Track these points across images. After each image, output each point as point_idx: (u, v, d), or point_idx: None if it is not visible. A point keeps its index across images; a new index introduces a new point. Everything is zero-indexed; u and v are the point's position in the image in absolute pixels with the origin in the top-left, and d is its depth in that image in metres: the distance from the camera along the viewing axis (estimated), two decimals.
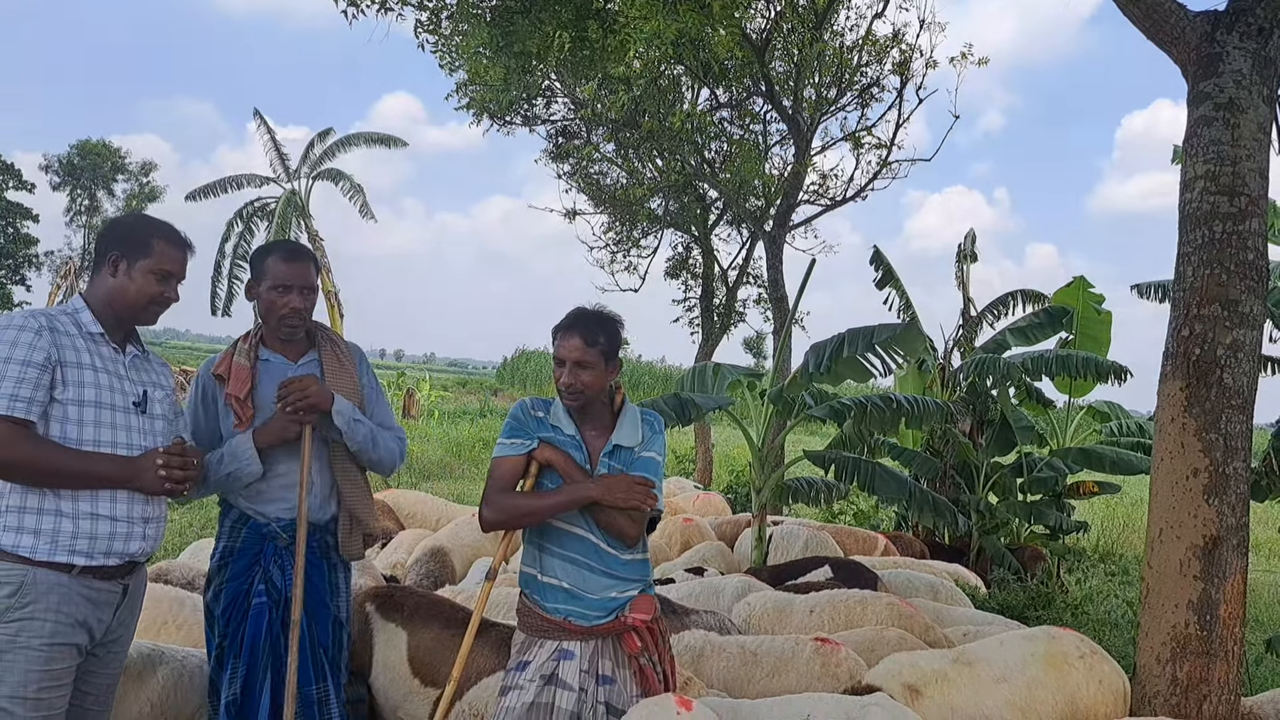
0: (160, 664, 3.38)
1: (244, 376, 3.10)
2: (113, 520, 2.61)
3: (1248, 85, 3.89)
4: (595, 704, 2.78)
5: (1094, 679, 3.75)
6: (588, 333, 2.82)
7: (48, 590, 2.51)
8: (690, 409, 6.35)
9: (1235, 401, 3.84)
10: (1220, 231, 3.88)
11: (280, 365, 3.17)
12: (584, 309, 2.92)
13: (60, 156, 44.34)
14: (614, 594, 2.83)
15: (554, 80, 11.89)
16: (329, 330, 3.32)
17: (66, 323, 2.64)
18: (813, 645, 4.06)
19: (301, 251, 3.16)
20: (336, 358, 3.23)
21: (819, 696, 3.34)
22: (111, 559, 2.62)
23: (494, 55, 6.62)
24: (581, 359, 2.80)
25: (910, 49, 11.13)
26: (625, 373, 37.84)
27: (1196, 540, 3.82)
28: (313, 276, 3.14)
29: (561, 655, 2.80)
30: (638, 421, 2.93)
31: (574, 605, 2.81)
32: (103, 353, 2.68)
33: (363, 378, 3.29)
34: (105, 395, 2.64)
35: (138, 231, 2.72)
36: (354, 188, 31.43)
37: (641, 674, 2.85)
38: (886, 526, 10.38)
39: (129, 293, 2.70)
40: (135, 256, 2.69)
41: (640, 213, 13.18)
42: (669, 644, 3.05)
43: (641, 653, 2.84)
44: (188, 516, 9.33)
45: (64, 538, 2.54)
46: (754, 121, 12.22)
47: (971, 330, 9.63)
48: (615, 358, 2.89)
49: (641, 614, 2.84)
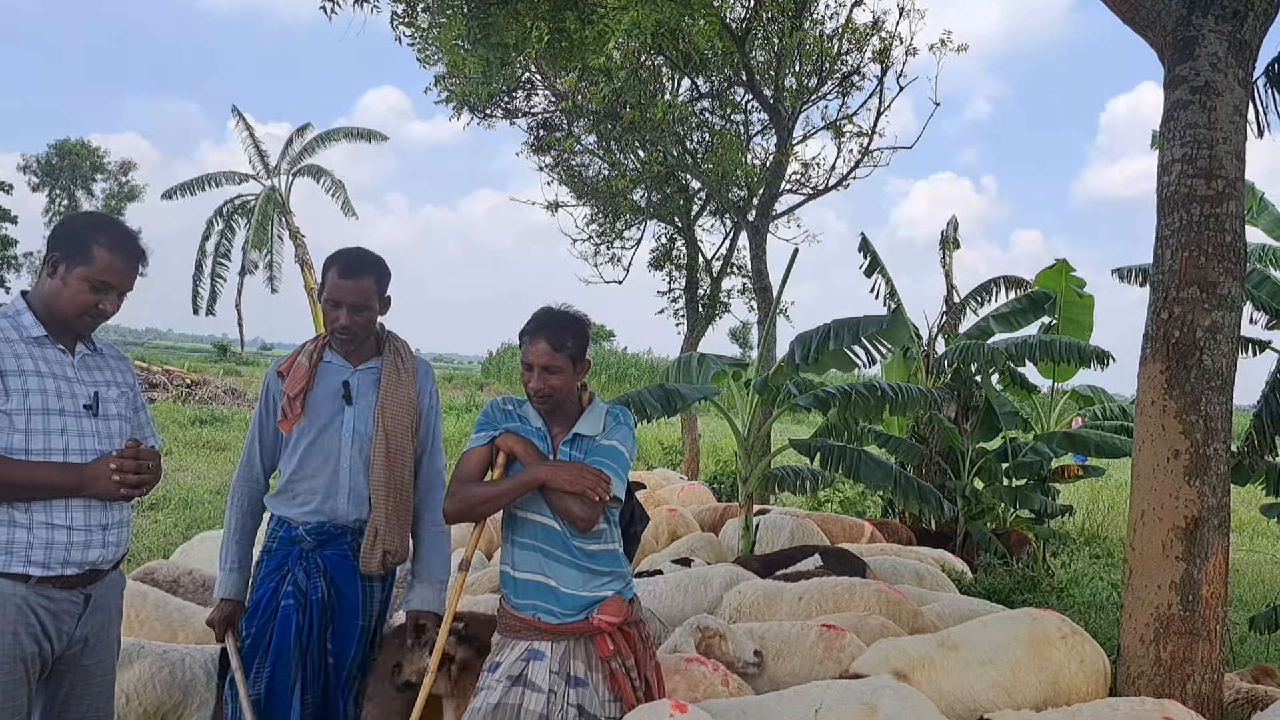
0: (139, 657, 3.38)
1: (301, 376, 3.14)
2: (69, 529, 2.52)
3: (1223, 68, 3.91)
4: (566, 706, 2.73)
5: (1076, 659, 3.79)
6: (555, 337, 2.80)
7: (4, 601, 2.43)
8: (676, 400, 6.36)
9: (1215, 383, 3.86)
10: (1198, 214, 3.90)
11: (341, 368, 3.21)
12: (550, 310, 2.89)
13: (38, 157, 43.95)
14: (585, 591, 2.79)
15: (534, 72, 11.84)
16: (400, 341, 3.32)
17: (5, 327, 2.53)
18: (818, 630, 4.09)
19: (360, 266, 3.12)
20: (397, 370, 3.23)
21: (827, 685, 3.34)
22: (70, 568, 2.53)
23: (472, 48, 6.58)
24: (550, 363, 2.79)
25: (890, 36, 11.14)
26: (612, 365, 37.81)
27: (1178, 521, 3.84)
28: (368, 294, 3.11)
29: (531, 656, 2.77)
30: (601, 414, 2.92)
31: (544, 600, 2.78)
32: (47, 356, 2.56)
33: (423, 396, 3.29)
34: (53, 401, 2.52)
35: (82, 235, 2.55)
36: (335, 184, 31.25)
37: (613, 678, 2.79)
38: (873, 513, 10.43)
39: (62, 298, 2.55)
40: (74, 261, 2.53)
41: (623, 204, 13.13)
42: (652, 649, 2.99)
43: (613, 656, 2.79)
44: (173, 517, 9.27)
45: (19, 548, 2.45)
46: (735, 111, 12.19)
47: (955, 317, 9.67)
48: (583, 359, 2.88)
49: (610, 616, 2.79)
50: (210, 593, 4.47)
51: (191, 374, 23.04)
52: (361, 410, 3.18)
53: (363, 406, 3.18)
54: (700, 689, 3.52)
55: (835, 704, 3.12)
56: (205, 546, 5.61)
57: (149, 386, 20.28)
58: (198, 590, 4.75)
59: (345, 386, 3.18)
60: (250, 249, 31.90)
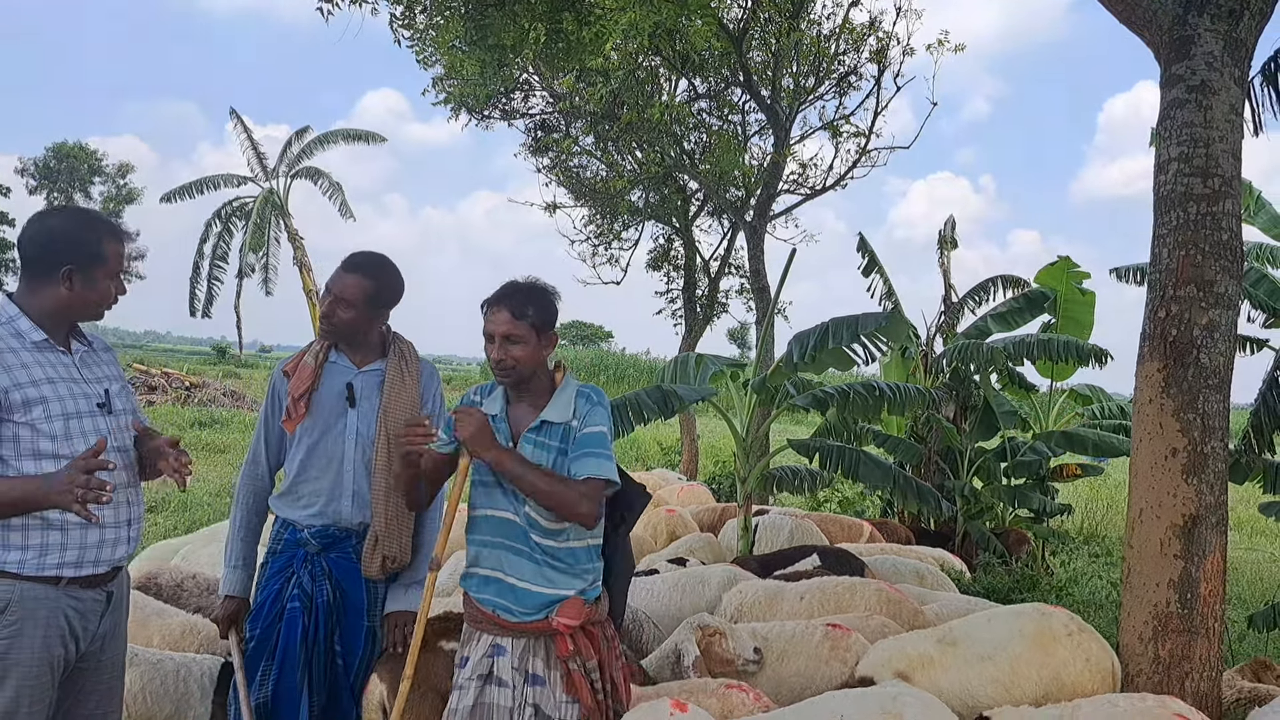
0: (130, 665, 3.36)
1: (306, 375, 3.14)
2: (101, 528, 2.54)
3: (1219, 67, 3.92)
4: (524, 704, 2.68)
5: (1081, 656, 3.77)
6: (515, 305, 2.71)
7: (35, 605, 2.46)
8: (673, 401, 6.35)
9: (1212, 381, 3.87)
10: (1195, 213, 3.91)
11: (345, 369, 3.21)
12: (515, 281, 2.80)
13: (36, 159, 43.95)
14: (545, 588, 2.70)
15: (531, 74, 11.84)
16: (405, 343, 3.31)
17: (4, 334, 2.51)
18: (823, 630, 4.09)
19: (356, 262, 3.16)
20: (401, 372, 3.22)
21: (845, 694, 3.33)
22: (100, 566, 2.56)
23: (469, 49, 6.59)
24: (510, 332, 2.69)
25: (887, 36, 11.15)
26: (611, 366, 37.77)
27: (1176, 519, 3.85)
28: (353, 291, 3.12)
29: (495, 651, 2.73)
30: (571, 397, 2.78)
31: (503, 598, 2.72)
32: (52, 360, 2.56)
33: (427, 399, 3.28)
34: (70, 405, 2.53)
35: (87, 239, 2.58)
36: (332, 186, 31.23)
37: (569, 679, 2.70)
38: (872, 514, 10.43)
39: (89, 301, 2.59)
40: (92, 266, 2.57)
41: (620, 205, 13.14)
42: (618, 649, 2.90)
43: (572, 657, 2.70)
44: (172, 519, 9.27)
45: (53, 550, 2.47)
46: (732, 112, 12.19)
47: (953, 316, 9.68)
48: (548, 330, 2.77)
49: (567, 619, 2.68)
50: (215, 596, 4.46)
51: (190, 376, 23.04)
52: (365, 413, 3.17)
53: (366, 409, 3.17)
54: (735, 715, 3.52)
55: (858, 714, 3.11)
56: (210, 549, 5.55)
57: (148, 389, 20.28)
58: (202, 594, 4.71)
59: (349, 389, 3.17)
60: (248, 251, 31.91)
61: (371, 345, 3.25)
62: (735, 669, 3.88)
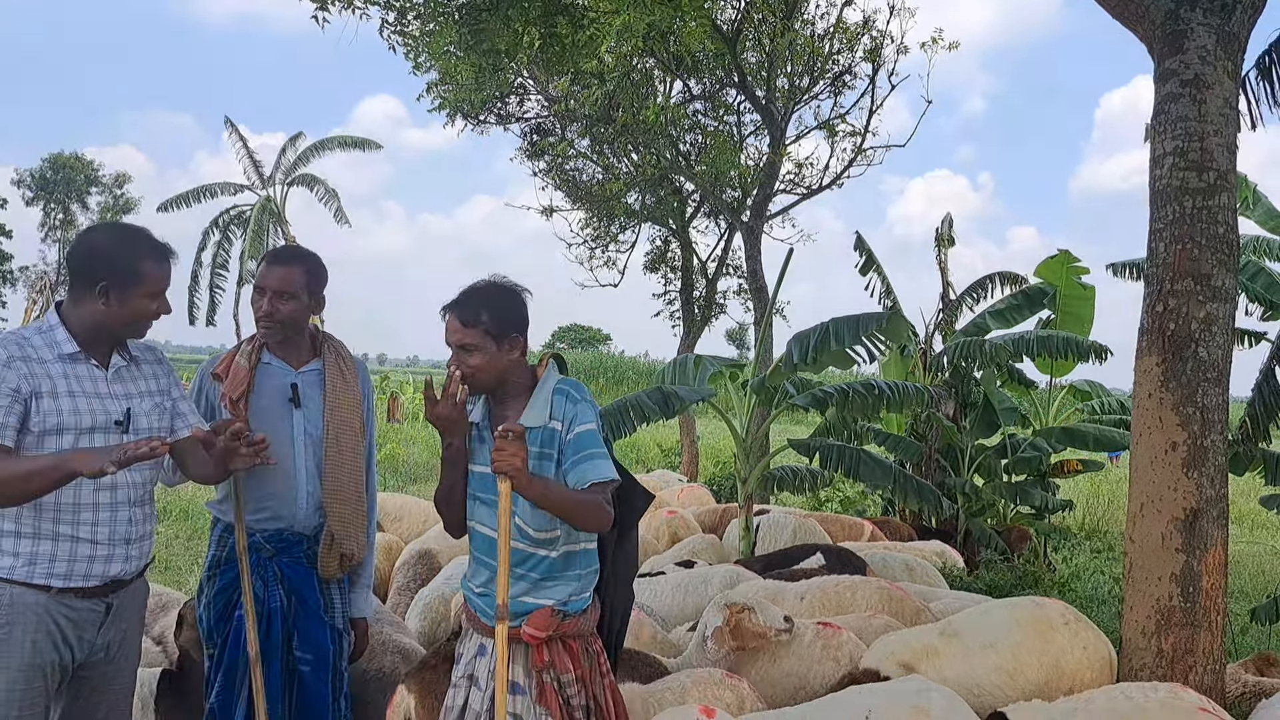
0: None
1: (241, 378, 3.05)
2: (93, 543, 2.54)
3: (1213, 61, 3.92)
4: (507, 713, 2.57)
5: (1078, 645, 3.81)
6: (465, 312, 2.55)
7: (25, 610, 2.47)
8: (673, 402, 6.35)
9: (1211, 375, 3.87)
10: (1190, 207, 3.91)
11: (282, 370, 3.13)
12: (473, 285, 2.64)
13: (32, 170, 43.88)
14: (522, 596, 2.60)
15: (526, 78, 11.85)
16: (336, 341, 3.26)
17: (39, 345, 2.54)
18: (814, 628, 4.08)
19: (285, 256, 3.13)
20: (340, 370, 3.17)
21: (869, 690, 3.34)
22: (91, 580, 2.56)
23: (463, 54, 6.59)
24: (461, 341, 2.54)
25: (881, 35, 11.17)
26: (610, 368, 37.72)
27: (1177, 513, 3.85)
28: (291, 282, 3.05)
29: (480, 651, 2.68)
30: (548, 397, 2.61)
31: (485, 601, 2.66)
32: (79, 373, 2.57)
33: (367, 396, 3.24)
34: (85, 419, 2.53)
35: (124, 257, 2.59)
36: (329, 192, 31.19)
37: (542, 690, 2.58)
38: (873, 512, 10.43)
39: (124, 318, 2.60)
40: (127, 284, 2.57)
41: (617, 207, 13.14)
42: (605, 669, 2.75)
43: (546, 668, 2.58)
44: (174, 528, 9.26)
45: (42, 560, 2.48)
46: (728, 113, 12.21)
47: (951, 314, 9.69)
48: (509, 335, 2.57)
49: (534, 630, 2.57)
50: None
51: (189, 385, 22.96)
52: (310, 414, 3.11)
53: (311, 410, 3.11)
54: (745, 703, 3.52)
55: (886, 708, 3.10)
56: None
57: None
58: None
59: (294, 389, 3.10)
60: (247, 259, 31.90)
61: (304, 345, 3.18)
62: (770, 641, 3.90)
